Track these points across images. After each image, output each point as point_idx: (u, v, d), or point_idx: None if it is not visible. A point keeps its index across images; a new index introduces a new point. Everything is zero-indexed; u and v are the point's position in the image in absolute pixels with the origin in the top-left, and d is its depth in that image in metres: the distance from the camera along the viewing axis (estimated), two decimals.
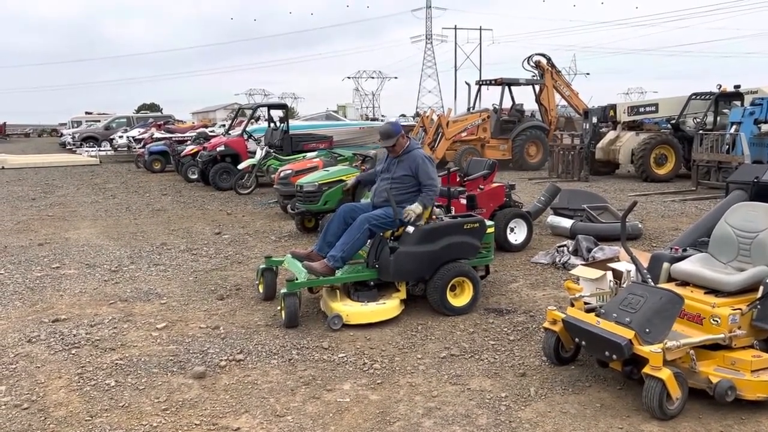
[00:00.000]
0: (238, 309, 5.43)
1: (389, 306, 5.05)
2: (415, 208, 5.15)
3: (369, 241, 5.26)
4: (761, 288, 3.66)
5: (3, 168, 20.66)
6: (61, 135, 40.73)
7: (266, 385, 3.94)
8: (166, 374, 4.10)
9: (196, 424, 3.45)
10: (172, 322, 5.12)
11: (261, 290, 5.67)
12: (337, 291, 5.21)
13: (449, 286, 5.17)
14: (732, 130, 12.74)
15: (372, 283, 5.19)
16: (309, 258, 5.23)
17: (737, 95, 14.78)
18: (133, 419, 3.51)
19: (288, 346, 4.56)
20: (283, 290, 4.90)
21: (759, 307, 3.62)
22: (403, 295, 5.21)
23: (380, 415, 3.54)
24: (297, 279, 4.99)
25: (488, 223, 5.78)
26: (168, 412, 3.59)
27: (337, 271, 5.13)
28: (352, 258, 5.26)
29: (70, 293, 5.98)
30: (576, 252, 6.87)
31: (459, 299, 5.26)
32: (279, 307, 5.03)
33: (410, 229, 5.16)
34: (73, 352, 4.49)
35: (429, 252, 5.13)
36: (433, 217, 5.44)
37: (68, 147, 31.24)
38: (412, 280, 5.27)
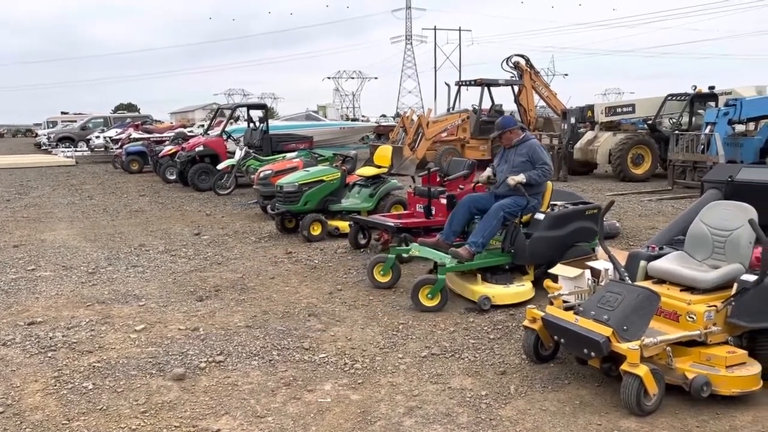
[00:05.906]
0: (217, 310, 5.39)
1: (528, 288, 5.47)
2: (518, 177, 5.52)
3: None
4: (735, 285, 3.72)
5: None
6: (36, 135, 40.09)
7: (246, 386, 3.92)
8: (145, 376, 4.06)
9: (175, 426, 3.42)
10: (151, 323, 5.06)
11: (380, 279, 5.95)
12: (478, 275, 5.53)
13: None
14: (707, 131, 12.94)
15: (507, 267, 5.57)
16: (437, 245, 5.65)
17: (712, 96, 15.04)
18: (111, 422, 3.47)
19: (268, 346, 4.54)
20: (437, 275, 5.30)
21: (733, 303, 3.68)
22: (532, 277, 5.62)
23: (361, 415, 3.54)
24: (445, 264, 5.38)
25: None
26: (147, 414, 3.56)
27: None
28: (489, 244, 5.62)
29: (46, 296, 5.89)
30: None
31: None
32: (426, 293, 5.25)
33: (540, 216, 5.60)
34: (49, 355, 4.43)
35: (559, 236, 5.63)
36: (557, 204, 5.86)
37: (43, 147, 30.76)
38: (545, 262, 5.59)
